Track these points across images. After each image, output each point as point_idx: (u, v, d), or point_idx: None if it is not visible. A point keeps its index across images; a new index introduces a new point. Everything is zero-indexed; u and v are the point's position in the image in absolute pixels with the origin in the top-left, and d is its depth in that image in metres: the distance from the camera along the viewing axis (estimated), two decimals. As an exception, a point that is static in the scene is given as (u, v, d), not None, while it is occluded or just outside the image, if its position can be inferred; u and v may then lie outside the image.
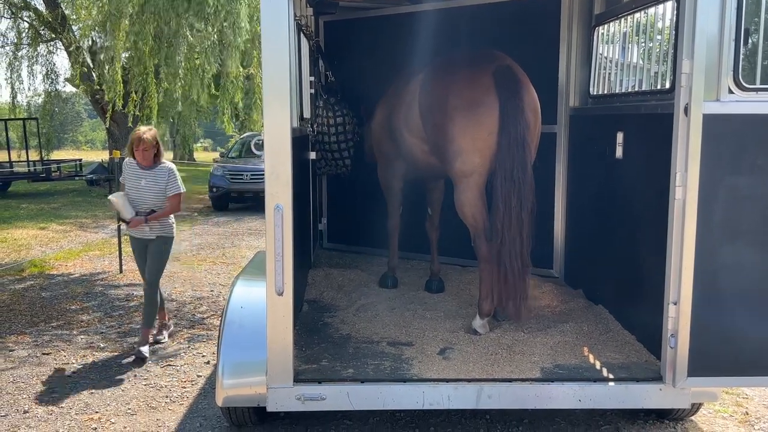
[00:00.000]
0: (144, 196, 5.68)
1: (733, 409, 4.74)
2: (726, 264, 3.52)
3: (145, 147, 5.61)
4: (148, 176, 5.70)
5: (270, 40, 3.40)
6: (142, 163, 5.68)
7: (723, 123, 3.41)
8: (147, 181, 5.68)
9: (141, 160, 5.67)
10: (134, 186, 5.70)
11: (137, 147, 5.63)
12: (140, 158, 5.65)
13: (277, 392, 3.64)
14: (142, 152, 5.63)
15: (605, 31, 5.42)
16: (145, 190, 5.69)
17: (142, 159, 5.66)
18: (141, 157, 5.65)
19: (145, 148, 5.62)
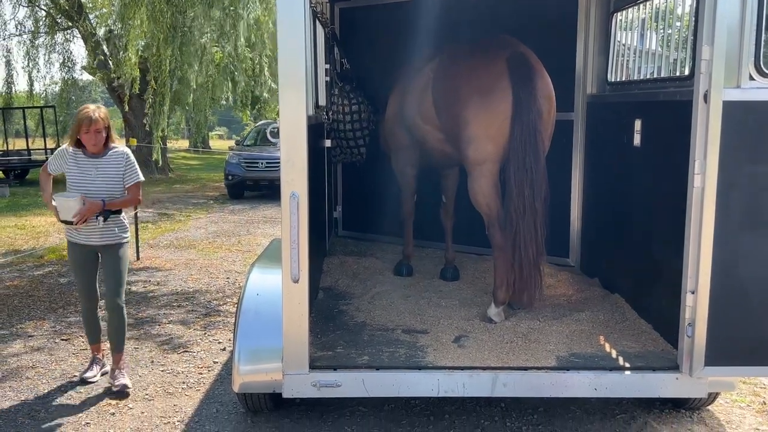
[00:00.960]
0: (98, 190, 4.63)
1: (751, 398, 4.71)
2: (745, 253, 3.48)
3: (98, 128, 4.57)
4: (101, 164, 4.67)
5: (286, 27, 3.39)
6: (93, 149, 4.63)
7: (743, 110, 3.37)
8: (100, 171, 4.66)
9: (92, 146, 4.62)
10: (83, 179, 4.64)
11: (87, 129, 4.57)
12: (91, 143, 4.60)
13: (292, 379, 3.66)
14: (95, 135, 4.58)
15: (623, 18, 5.36)
16: (100, 181, 4.64)
17: (94, 144, 4.61)
18: (93, 141, 4.59)
19: (98, 130, 4.57)
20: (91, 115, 4.57)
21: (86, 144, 4.62)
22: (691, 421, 4.31)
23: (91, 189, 4.64)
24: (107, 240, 4.76)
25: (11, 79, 21.88)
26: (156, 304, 7.14)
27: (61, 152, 4.73)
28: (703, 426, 4.26)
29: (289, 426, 4.23)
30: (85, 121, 4.58)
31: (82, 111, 4.63)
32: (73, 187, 4.65)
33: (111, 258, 4.80)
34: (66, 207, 4.57)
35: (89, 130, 4.58)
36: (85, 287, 4.88)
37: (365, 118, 6.38)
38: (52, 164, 4.79)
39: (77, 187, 4.63)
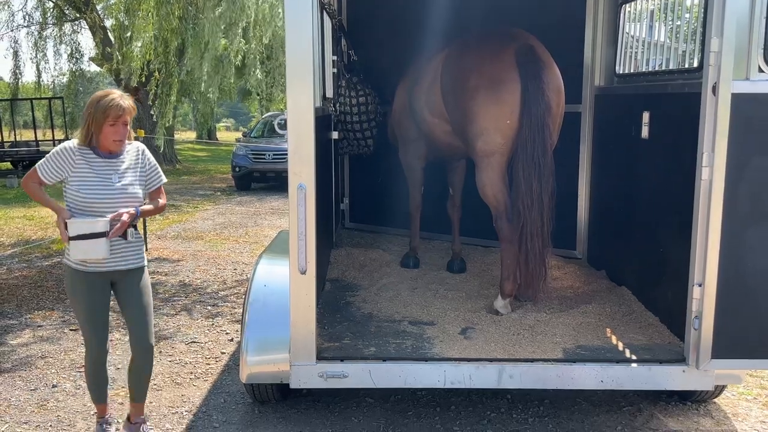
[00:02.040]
0: (121, 200, 3.57)
1: (757, 391, 4.71)
2: (752, 246, 3.47)
3: (125, 120, 3.57)
4: (120, 167, 3.61)
5: (293, 18, 3.39)
6: (115, 147, 3.58)
7: (752, 103, 3.35)
8: (121, 175, 3.61)
9: (115, 143, 3.56)
10: (100, 188, 3.54)
11: (114, 120, 3.50)
12: (116, 138, 3.54)
13: (300, 369, 3.68)
14: (122, 128, 3.56)
15: (632, 9, 5.33)
16: (121, 189, 3.58)
17: (119, 140, 3.57)
18: (119, 135, 3.55)
19: (125, 122, 3.57)
20: (120, 103, 3.54)
21: (107, 140, 3.54)
22: (697, 413, 4.32)
23: (112, 200, 3.55)
24: (132, 263, 3.68)
25: (19, 71, 21.94)
26: (164, 295, 7.17)
27: (63, 152, 3.53)
28: (709, 419, 4.26)
29: (296, 416, 4.25)
30: (113, 110, 3.50)
31: (106, 97, 3.52)
32: (87, 200, 3.51)
33: (136, 286, 3.74)
34: (95, 247, 3.47)
35: (117, 122, 3.52)
36: (98, 330, 3.70)
37: (372, 110, 6.37)
38: (49, 170, 3.54)
39: (93, 199, 3.51)
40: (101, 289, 3.66)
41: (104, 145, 3.57)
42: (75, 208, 3.54)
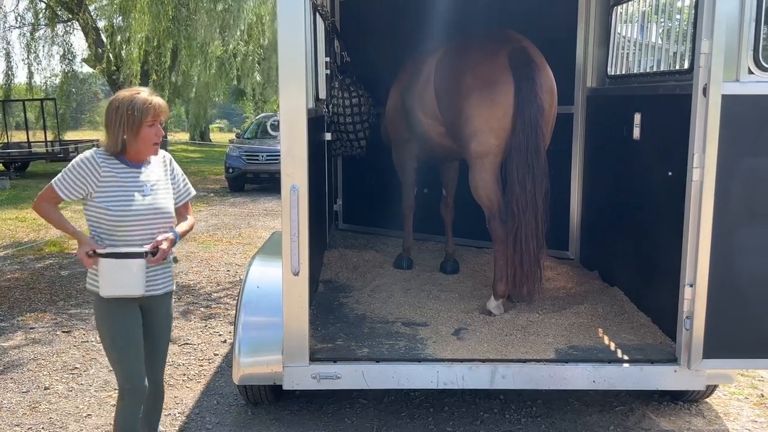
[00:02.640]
0: (156, 217, 3.13)
1: (749, 391, 4.73)
2: (743, 246, 3.49)
3: (162, 120, 3.12)
4: (150, 177, 3.16)
5: (286, 20, 3.39)
6: (152, 151, 3.14)
7: (742, 104, 3.37)
8: (153, 187, 3.15)
9: (152, 148, 3.13)
10: (132, 203, 3.06)
11: (152, 121, 3.07)
12: (157, 139, 3.11)
13: (293, 371, 3.68)
14: (160, 128, 3.12)
15: (624, 11, 5.35)
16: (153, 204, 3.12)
17: (156, 143, 3.13)
18: (157, 138, 3.10)
19: (161, 123, 3.14)
20: (157, 101, 3.08)
21: (146, 143, 3.08)
22: (689, 413, 4.34)
23: (145, 218, 3.08)
24: (165, 286, 3.26)
25: (11, 72, 21.89)
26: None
27: (86, 163, 3.01)
28: (701, 418, 4.28)
29: (289, 418, 4.25)
30: (151, 109, 3.04)
31: (137, 96, 3.04)
32: (117, 218, 3.02)
33: (164, 315, 3.32)
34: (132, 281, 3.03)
35: (154, 122, 3.07)
36: (140, 363, 3.17)
37: (365, 112, 6.38)
38: (70, 184, 3.01)
39: (124, 217, 3.03)
40: (135, 317, 3.14)
41: (141, 150, 3.09)
42: (100, 228, 3.05)
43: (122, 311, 3.09)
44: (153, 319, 3.26)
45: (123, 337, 3.11)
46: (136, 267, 3.02)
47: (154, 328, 3.28)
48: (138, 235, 3.06)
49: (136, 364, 3.14)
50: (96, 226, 3.07)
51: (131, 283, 3.03)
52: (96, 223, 3.07)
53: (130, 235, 3.05)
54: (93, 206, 3.06)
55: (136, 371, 3.14)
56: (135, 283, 3.03)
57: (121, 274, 3.00)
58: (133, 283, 3.03)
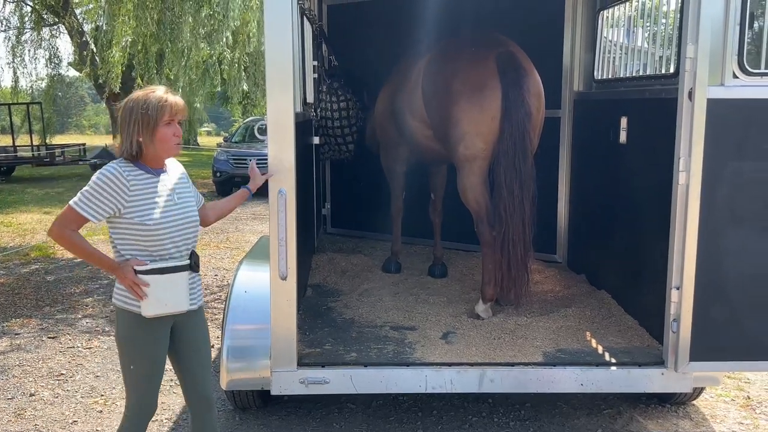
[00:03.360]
0: (187, 228, 2.94)
1: (735, 393, 4.76)
2: (729, 249, 3.52)
3: (180, 118, 2.89)
4: (175, 184, 2.96)
5: (273, 24, 3.39)
6: (177, 151, 2.92)
7: (727, 108, 3.40)
8: (180, 195, 2.95)
9: (175, 147, 2.89)
10: (165, 214, 2.84)
11: (170, 119, 2.83)
12: (177, 140, 2.88)
13: (280, 376, 3.67)
14: (175, 132, 2.87)
15: (610, 15, 5.39)
16: (187, 213, 2.95)
17: (180, 142, 2.92)
18: (177, 139, 2.89)
19: (180, 120, 2.90)
20: (173, 98, 2.85)
21: (166, 143, 2.84)
22: (676, 415, 4.36)
23: (179, 228, 2.89)
24: (197, 300, 3.03)
25: (-4, 75, 21.72)
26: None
27: (112, 178, 2.74)
28: (688, 421, 4.30)
29: (277, 423, 4.23)
30: (168, 106, 2.80)
31: (151, 95, 2.82)
32: (154, 232, 2.80)
33: (200, 326, 3.09)
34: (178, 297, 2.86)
35: (171, 120, 2.84)
36: (157, 386, 3.03)
37: (353, 116, 6.38)
38: (98, 204, 2.74)
39: (161, 230, 2.81)
40: (165, 336, 2.94)
41: (160, 153, 2.85)
42: (137, 245, 2.81)
43: (156, 335, 2.89)
44: (190, 335, 3.03)
45: (150, 365, 2.94)
46: (182, 281, 2.86)
47: (194, 342, 3.05)
48: (174, 247, 2.86)
49: (153, 388, 3.00)
50: (131, 244, 2.81)
51: (177, 299, 2.86)
52: (131, 239, 2.80)
53: (166, 248, 2.84)
54: (125, 223, 2.79)
55: (150, 394, 3.00)
56: (181, 298, 2.87)
57: (168, 291, 2.81)
58: (180, 298, 2.86)
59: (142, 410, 3.00)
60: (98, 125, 62.85)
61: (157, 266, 2.79)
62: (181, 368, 3.08)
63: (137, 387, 2.96)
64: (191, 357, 3.06)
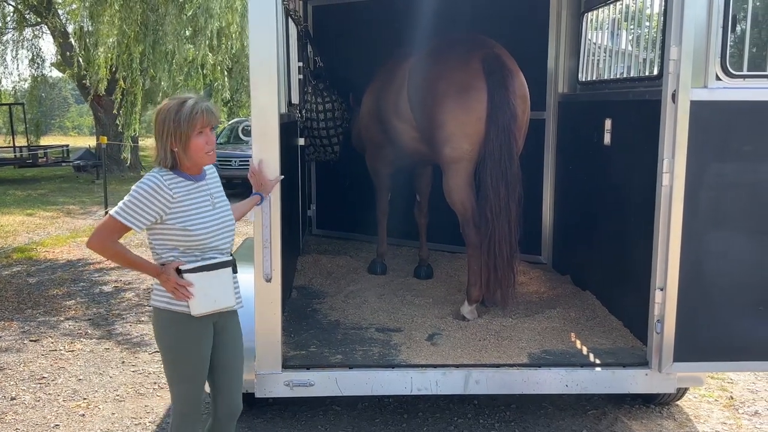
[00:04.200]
0: (224, 232, 2.93)
1: (719, 393, 4.79)
2: (712, 250, 3.54)
3: (212, 126, 2.85)
4: (212, 188, 2.95)
5: (258, 25, 3.37)
6: (210, 159, 2.88)
7: (710, 110, 3.42)
8: (216, 200, 2.94)
9: (208, 156, 2.85)
10: (206, 220, 2.85)
11: (202, 128, 2.79)
12: (209, 148, 2.84)
13: (265, 378, 3.65)
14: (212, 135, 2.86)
15: (594, 18, 5.41)
16: (225, 218, 2.95)
17: (212, 150, 2.86)
18: (211, 144, 2.85)
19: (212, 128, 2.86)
20: (205, 106, 2.80)
21: (198, 154, 2.81)
22: (660, 416, 4.38)
23: (220, 233, 2.90)
24: (239, 300, 3.00)
25: (-22, 77, 21.49)
26: (126, 303, 7.06)
27: (154, 186, 2.74)
28: (672, 421, 4.32)
29: (262, 426, 4.21)
30: (199, 116, 2.77)
31: (185, 104, 2.77)
32: (197, 238, 2.81)
33: (236, 331, 3.07)
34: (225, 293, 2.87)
35: (204, 129, 2.80)
36: (201, 391, 2.98)
37: (339, 117, 6.37)
38: (141, 213, 2.73)
39: (204, 235, 2.82)
40: (209, 335, 2.91)
41: (195, 162, 2.83)
42: (176, 250, 2.82)
43: (202, 332, 2.87)
44: (227, 339, 2.99)
45: (197, 364, 2.91)
46: (228, 276, 2.87)
47: (231, 348, 3.02)
48: (215, 249, 2.87)
49: (200, 390, 2.97)
50: (171, 249, 2.82)
51: (225, 295, 2.86)
52: (172, 244, 2.81)
53: (208, 250, 2.85)
54: (167, 230, 2.80)
55: (198, 396, 2.97)
56: (228, 294, 2.87)
57: (215, 287, 2.82)
58: (227, 294, 2.86)
59: (191, 411, 2.98)
60: (82, 126, 62.35)
61: (203, 264, 2.80)
62: (214, 375, 3.01)
63: (182, 393, 2.95)
64: (227, 364, 3.01)
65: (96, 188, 16.93)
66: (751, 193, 3.51)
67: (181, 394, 2.95)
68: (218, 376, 3.01)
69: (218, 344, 2.97)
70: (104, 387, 4.88)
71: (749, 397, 4.75)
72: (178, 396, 2.96)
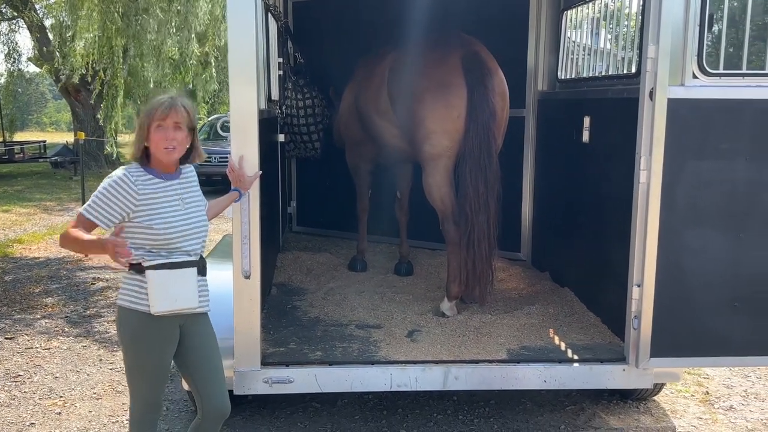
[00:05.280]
0: (194, 236, 2.87)
1: (695, 388, 4.85)
2: (688, 247, 3.58)
3: (177, 121, 2.78)
4: (184, 191, 2.90)
5: (236, 20, 3.35)
6: (168, 158, 2.80)
7: (687, 108, 3.46)
8: (187, 202, 2.88)
9: (163, 153, 2.78)
10: (173, 219, 2.80)
11: (161, 120, 2.75)
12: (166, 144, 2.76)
13: (244, 375, 3.63)
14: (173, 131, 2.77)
15: (574, 16, 5.44)
16: (196, 219, 2.90)
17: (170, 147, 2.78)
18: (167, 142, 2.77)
19: (177, 124, 2.78)
20: (167, 100, 2.79)
21: (157, 149, 2.77)
22: (637, 411, 4.42)
23: (188, 234, 2.84)
24: (204, 303, 2.95)
25: (-47, 70, 21.15)
26: (104, 301, 6.99)
27: (121, 184, 2.72)
28: (649, 416, 4.36)
29: (241, 423, 4.19)
30: (158, 110, 2.75)
31: (156, 98, 2.84)
32: (161, 237, 2.76)
33: (208, 331, 3.02)
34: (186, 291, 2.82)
35: (164, 122, 2.76)
36: (161, 388, 3.00)
37: (319, 113, 6.35)
38: (108, 209, 2.71)
39: (169, 234, 2.77)
40: (173, 338, 2.88)
41: (157, 157, 2.80)
42: (142, 249, 2.77)
43: (164, 333, 2.84)
44: (199, 340, 2.96)
45: (158, 364, 2.89)
46: (191, 276, 2.82)
47: (203, 348, 2.98)
48: (182, 250, 2.82)
49: (159, 390, 2.98)
50: (137, 248, 2.76)
51: (187, 295, 2.81)
52: (138, 244, 2.77)
53: (173, 253, 2.81)
54: (135, 227, 2.77)
55: (157, 396, 2.98)
56: (191, 295, 2.82)
57: (177, 286, 2.77)
58: (189, 295, 2.81)
59: (149, 409, 2.98)
60: (59, 122, 61.62)
61: (166, 261, 2.77)
62: (194, 378, 2.99)
63: (144, 386, 2.93)
64: (202, 365, 2.98)
65: (73, 184, 16.75)
66: (727, 190, 3.55)
67: (140, 393, 2.94)
68: (198, 379, 2.98)
69: (189, 347, 2.94)
70: (81, 385, 4.83)
71: (725, 392, 4.81)
72: (138, 395, 2.95)
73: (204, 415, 3.01)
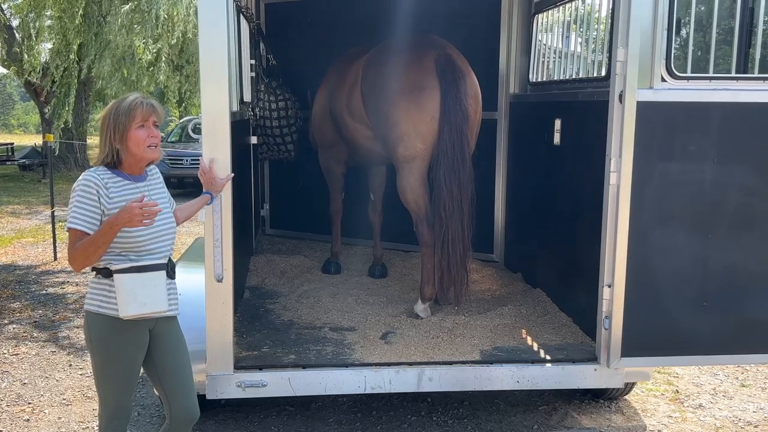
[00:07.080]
0: (164, 236, 2.87)
1: (665, 387, 4.91)
2: (658, 247, 3.63)
3: (156, 121, 2.83)
4: (152, 192, 2.92)
5: (207, 21, 3.32)
6: (153, 154, 2.84)
7: (656, 110, 3.51)
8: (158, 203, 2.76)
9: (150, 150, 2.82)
10: None
11: (143, 121, 2.77)
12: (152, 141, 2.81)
13: (216, 380, 3.60)
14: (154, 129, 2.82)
15: (545, 19, 5.49)
16: (165, 221, 2.89)
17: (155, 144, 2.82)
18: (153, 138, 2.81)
19: (156, 124, 2.84)
20: (145, 100, 2.81)
21: (139, 147, 2.78)
22: (609, 410, 4.47)
23: (157, 236, 2.83)
24: (174, 307, 2.94)
25: None
26: (74, 306, 6.88)
27: (91, 186, 2.72)
28: (620, 415, 4.41)
29: (214, 428, 4.16)
30: (139, 108, 2.76)
31: (125, 100, 2.79)
32: (131, 240, 2.74)
33: (176, 336, 3.01)
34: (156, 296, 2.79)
35: (146, 122, 2.78)
36: (130, 393, 2.97)
37: (292, 115, 6.33)
38: (88, 214, 2.70)
39: (138, 237, 2.75)
40: (141, 340, 2.86)
41: (136, 157, 2.80)
42: (112, 251, 2.74)
43: (132, 337, 2.82)
44: (167, 345, 2.95)
45: (127, 368, 2.87)
46: (160, 280, 2.79)
47: (172, 352, 2.97)
48: (150, 252, 2.80)
49: (128, 394, 2.95)
50: (112, 247, 2.74)
51: (156, 300, 2.77)
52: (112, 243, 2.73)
53: (144, 252, 2.79)
54: None
55: (125, 400, 2.95)
56: (160, 298, 2.79)
57: (146, 290, 2.74)
58: (158, 299, 2.78)
59: (118, 414, 2.95)
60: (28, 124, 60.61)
61: (135, 264, 2.75)
62: (162, 382, 2.97)
63: (113, 391, 2.91)
64: (171, 369, 2.96)
65: (42, 187, 16.48)
66: (695, 191, 3.60)
67: (108, 398, 2.92)
68: (166, 382, 2.97)
69: (159, 351, 2.93)
70: (50, 391, 4.75)
71: (694, 390, 4.89)
72: (106, 399, 2.93)
73: (173, 419, 2.98)
